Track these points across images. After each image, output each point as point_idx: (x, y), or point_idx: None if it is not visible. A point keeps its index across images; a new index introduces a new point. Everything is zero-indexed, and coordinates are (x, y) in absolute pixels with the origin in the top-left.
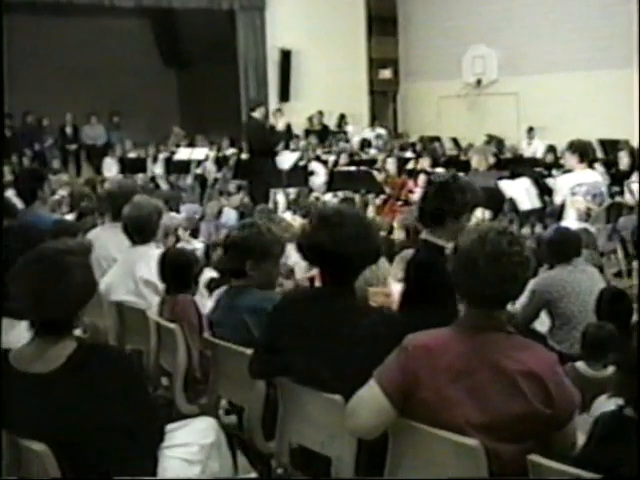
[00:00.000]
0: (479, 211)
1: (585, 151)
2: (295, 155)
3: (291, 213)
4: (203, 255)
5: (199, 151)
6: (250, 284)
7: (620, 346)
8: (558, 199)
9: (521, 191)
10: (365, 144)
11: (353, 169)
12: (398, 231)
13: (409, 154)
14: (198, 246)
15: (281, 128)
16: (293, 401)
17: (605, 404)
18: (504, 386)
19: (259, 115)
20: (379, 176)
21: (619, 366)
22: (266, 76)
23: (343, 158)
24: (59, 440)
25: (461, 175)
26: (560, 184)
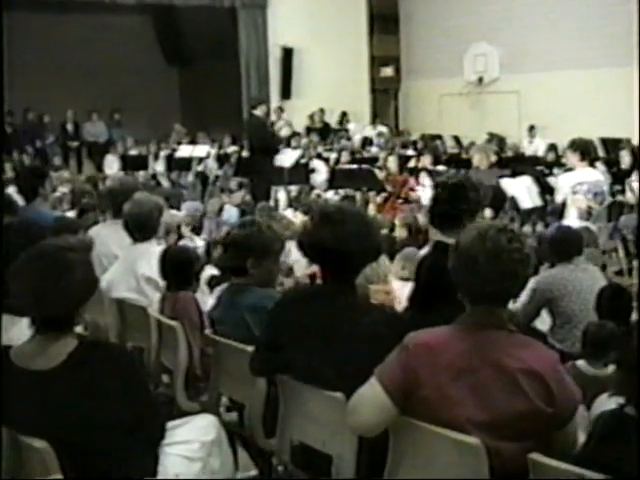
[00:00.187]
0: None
1: (586, 149)
2: (296, 153)
3: (292, 210)
4: (204, 252)
5: (200, 148)
6: (251, 282)
7: (620, 344)
8: (559, 197)
9: (522, 189)
10: (366, 142)
11: (354, 167)
12: (400, 229)
13: (410, 152)
14: (200, 244)
15: (284, 134)
16: (294, 399)
17: (606, 403)
18: (505, 384)
19: (260, 113)
20: (380, 174)
21: (619, 364)
22: (268, 74)
23: (344, 156)
24: (60, 437)
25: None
26: (561, 182)
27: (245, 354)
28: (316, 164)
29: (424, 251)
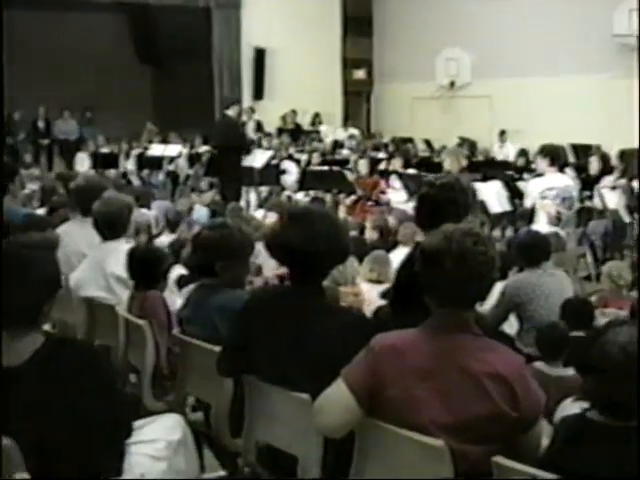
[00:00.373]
0: None
1: (556, 155)
2: (267, 154)
3: (264, 211)
4: (170, 251)
5: (172, 148)
6: (220, 283)
7: (582, 349)
8: (528, 202)
9: (492, 194)
10: (338, 144)
11: (325, 169)
12: (371, 231)
13: (382, 155)
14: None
15: (253, 135)
16: (260, 399)
17: (570, 407)
18: (470, 387)
19: (233, 113)
20: (351, 176)
21: (579, 368)
22: (240, 74)
23: (315, 157)
24: (25, 435)
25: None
26: (531, 187)
27: (212, 354)
28: (287, 165)
29: (394, 253)
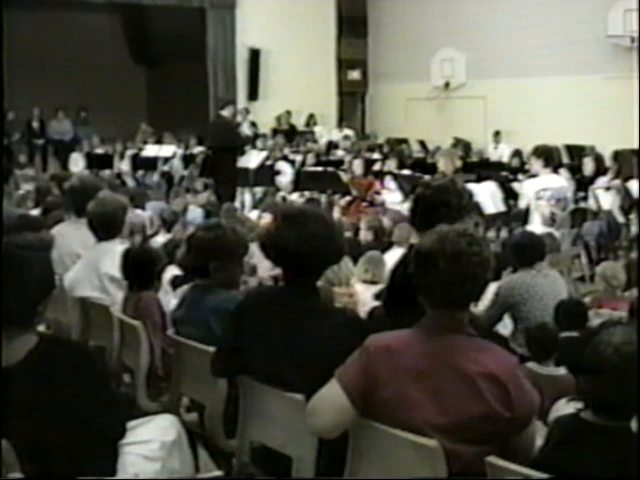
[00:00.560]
0: None
1: (550, 156)
2: (262, 154)
3: (258, 212)
4: (164, 251)
5: (167, 148)
6: (214, 284)
7: (576, 350)
8: (523, 203)
9: (486, 195)
10: (332, 146)
11: (319, 169)
12: (365, 232)
13: (376, 156)
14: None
15: (249, 134)
16: (254, 400)
17: (564, 408)
18: (464, 388)
19: (228, 114)
20: (345, 177)
21: (578, 370)
22: (235, 75)
23: (310, 158)
24: (20, 433)
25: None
26: (525, 188)
27: (206, 355)
28: (282, 166)
29: (389, 254)
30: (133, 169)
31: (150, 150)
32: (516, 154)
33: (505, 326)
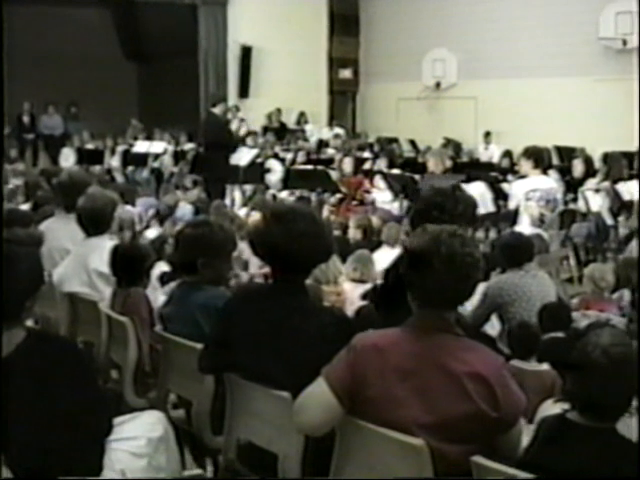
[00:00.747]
0: None
1: (540, 157)
2: (253, 152)
3: (248, 209)
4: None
5: (157, 145)
6: (202, 280)
7: (561, 349)
8: (512, 204)
9: (476, 195)
10: (322, 144)
11: (309, 168)
12: (354, 231)
13: (366, 154)
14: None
15: (241, 133)
16: (241, 397)
17: (551, 408)
18: (451, 387)
19: (219, 111)
20: (335, 175)
21: (565, 371)
22: (226, 72)
23: (300, 156)
24: (5, 429)
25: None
26: (515, 189)
27: (194, 352)
28: (272, 164)
29: (378, 253)
30: (123, 165)
31: (140, 146)
32: (506, 155)
33: (493, 326)
